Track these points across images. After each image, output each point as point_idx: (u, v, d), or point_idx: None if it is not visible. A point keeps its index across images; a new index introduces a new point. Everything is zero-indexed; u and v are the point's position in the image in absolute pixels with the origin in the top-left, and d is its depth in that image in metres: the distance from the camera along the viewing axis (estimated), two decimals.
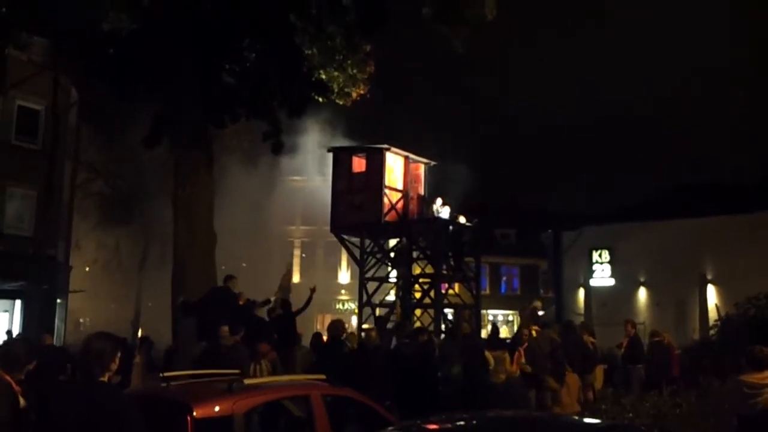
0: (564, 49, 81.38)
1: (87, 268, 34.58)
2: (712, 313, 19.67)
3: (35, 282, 22.49)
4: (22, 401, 5.31)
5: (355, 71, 14.19)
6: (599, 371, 13.01)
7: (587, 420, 6.21)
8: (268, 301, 12.32)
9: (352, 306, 35.94)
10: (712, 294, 24.03)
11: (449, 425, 4.67)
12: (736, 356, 8.66)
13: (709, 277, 24.56)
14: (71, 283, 27.97)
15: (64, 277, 26.53)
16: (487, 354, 10.18)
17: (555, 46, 78.22)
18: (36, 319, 22.38)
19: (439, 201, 17.64)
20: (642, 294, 26.70)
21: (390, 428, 4.95)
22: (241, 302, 11.54)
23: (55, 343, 17.36)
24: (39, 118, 23.76)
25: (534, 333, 11.30)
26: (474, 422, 4.76)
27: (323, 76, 13.94)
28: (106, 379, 4.03)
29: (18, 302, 23.08)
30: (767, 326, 12.58)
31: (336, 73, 14.00)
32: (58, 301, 25.06)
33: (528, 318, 12.75)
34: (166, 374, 6.25)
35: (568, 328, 12.45)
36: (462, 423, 4.77)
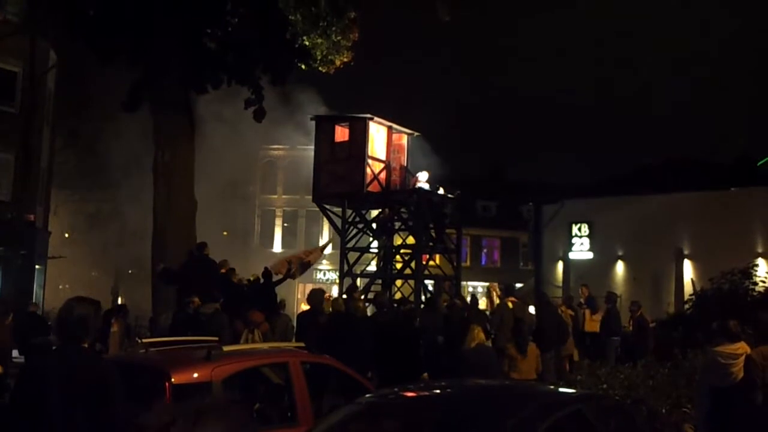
0: (549, 22, 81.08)
1: (66, 235, 34.25)
2: (688, 288, 19.94)
3: (13, 247, 22.24)
4: None
5: (339, 38, 14.01)
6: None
7: (562, 389, 6.32)
8: (257, 280, 12.26)
9: (333, 276, 36.01)
10: (688, 269, 24.32)
11: (426, 393, 4.72)
12: (708, 330, 8.83)
13: (686, 252, 24.83)
14: (50, 250, 27.70)
15: (43, 242, 26.26)
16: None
17: (540, 19, 78.01)
18: (14, 285, 22.19)
19: (425, 175, 17.50)
20: (620, 268, 26.96)
21: (367, 395, 5.00)
22: (223, 270, 11.53)
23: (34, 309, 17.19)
24: (16, 80, 23.24)
25: (510, 304, 11.43)
26: (449, 390, 4.83)
27: (307, 43, 13.75)
28: (86, 344, 3.98)
29: None
30: (740, 301, 12.82)
31: (320, 40, 13.81)
32: (37, 267, 24.83)
33: (503, 291, 12.82)
34: (144, 340, 6.26)
35: (542, 300, 12.61)
36: (438, 391, 4.84)
